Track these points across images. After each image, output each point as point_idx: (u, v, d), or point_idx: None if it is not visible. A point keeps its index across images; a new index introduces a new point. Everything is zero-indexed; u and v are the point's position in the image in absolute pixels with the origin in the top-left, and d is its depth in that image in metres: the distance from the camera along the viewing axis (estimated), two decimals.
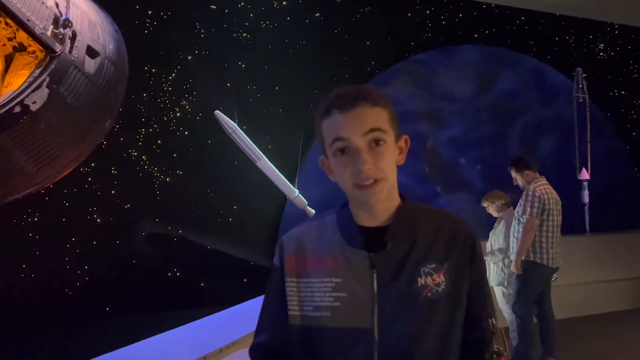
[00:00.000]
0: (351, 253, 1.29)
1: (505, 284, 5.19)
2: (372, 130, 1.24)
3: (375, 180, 1.23)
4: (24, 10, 2.59)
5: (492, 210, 5.51)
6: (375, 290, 1.25)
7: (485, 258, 5.31)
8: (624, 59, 10.39)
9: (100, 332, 5.57)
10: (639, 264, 7.52)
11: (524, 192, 4.90)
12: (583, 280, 7.00)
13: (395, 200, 1.33)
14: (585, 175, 8.87)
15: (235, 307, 5.29)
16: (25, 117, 2.73)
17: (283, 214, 7.50)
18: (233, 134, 6.40)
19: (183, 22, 6.88)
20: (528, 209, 4.77)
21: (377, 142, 1.24)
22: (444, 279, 1.27)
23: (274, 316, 1.35)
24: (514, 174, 5.11)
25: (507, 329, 5.24)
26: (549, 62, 9.77)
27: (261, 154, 6.55)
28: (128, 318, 5.86)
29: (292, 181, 6.92)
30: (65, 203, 5.88)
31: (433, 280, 1.26)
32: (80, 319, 5.70)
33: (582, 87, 9.15)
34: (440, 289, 1.26)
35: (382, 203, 1.29)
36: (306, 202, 6.85)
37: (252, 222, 7.25)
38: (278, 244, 1.39)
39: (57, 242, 5.79)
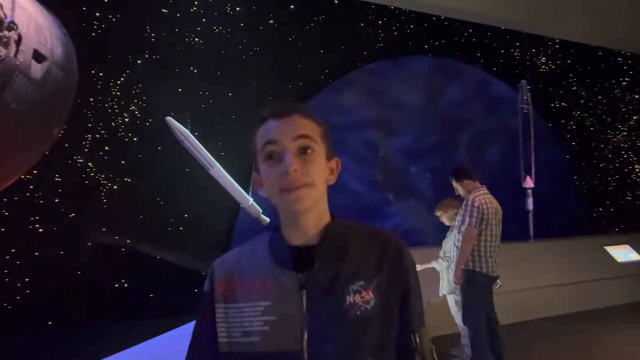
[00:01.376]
0: (281, 274, 1.26)
1: (457, 292, 5.30)
2: (302, 136, 1.24)
3: (301, 186, 1.22)
4: None
5: (445, 219, 5.62)
6: (305, 311, 1.22)
7: (433, 265, 5.45)
8: (564, 72, 10.90)
9: (42, 350, 5.30)
10: (582, 268, 7.86)
11: (464, 202, 5.00)
12: (529, 285, 7.23)
13: (325, 218, 1.31)
14: (529, 183, 9.20)
15: (187, 325, 5.15)
16: None
17: (236, 223, 7.39)
18: (185, 141, 6.25)
19: (133, 25, 6.68)
20: (467, 219, 4.86)
21: (305, 149, 1.24)
22: (373, 296, 1.24)
23: (202, 345, 1.31)
24: (454, 184, 5.20)
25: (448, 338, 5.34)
26: (495, 73, 10.12)
27: (214, 161, 6.43)
28: (72, 333, 5.61)
29: (246, 189, 6.83)
30: (5, 212, 5.58)
31: (362, 297, 1.23)
32: (21, 334, 5.40)
33: (527, 99, 9.52)
34: (369, 307, 1.23)
35: (309, 215, 1.27)
36: (260, 210, 6.77)
37: (204, 231, 7.10)
38: (209, 269, 1.35)
39: None
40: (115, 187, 6.57)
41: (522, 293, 7.08)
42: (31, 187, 5.77)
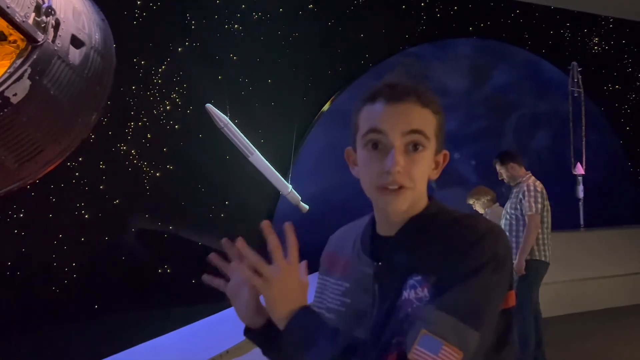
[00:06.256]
0: (362, 260, 1.24)
1: None
2: (414, 131, 1.12)
3: (401, 187, 1.12)
4: None
5: (478, 207, 5.48)
6: (376, 301, 1.18)
7: None
8: (619, 53, 10.35)
9: (89, 332, 5.44)
10: (635, 259, 7.50)
11: (526, 187, 4.71)
12: (578, 276, 6.96)
13: (416, 209, 1.20)
14: (579, 170, 8.84)
15: (227, 310, 5.19)
16: (5, 110, 2.60)
17: (276, 210, 7.38)
18: (225, 128, 6.27)
19: (173, 12, 6.71)
20: (533, 206, 4.56)
21: (415, 146, 1.13)
22: (427, 294, 1.09)
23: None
24: (498, 167, 4.97)
25: None
26: (543, 55, 9.70)
27: (254, 148, 6.43)
28: (117, 316, 5.74)
29: (285, 176, 6.80)
30: (52, 198, 5.73)
31: (416, 294, 1.10)
32: (68, 318, 5.56)
33: (577, 82, 9.11)
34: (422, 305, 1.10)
35: (401, 214, 1.19)
36: (299, 198, 6.74)
37: (244, 218, 7.11)
38: None
39: (43, 239, 5.64)
40: (157, 174, 6.65)
41: (571, 284, 6.81)
42: (77, 174, 5.90)
